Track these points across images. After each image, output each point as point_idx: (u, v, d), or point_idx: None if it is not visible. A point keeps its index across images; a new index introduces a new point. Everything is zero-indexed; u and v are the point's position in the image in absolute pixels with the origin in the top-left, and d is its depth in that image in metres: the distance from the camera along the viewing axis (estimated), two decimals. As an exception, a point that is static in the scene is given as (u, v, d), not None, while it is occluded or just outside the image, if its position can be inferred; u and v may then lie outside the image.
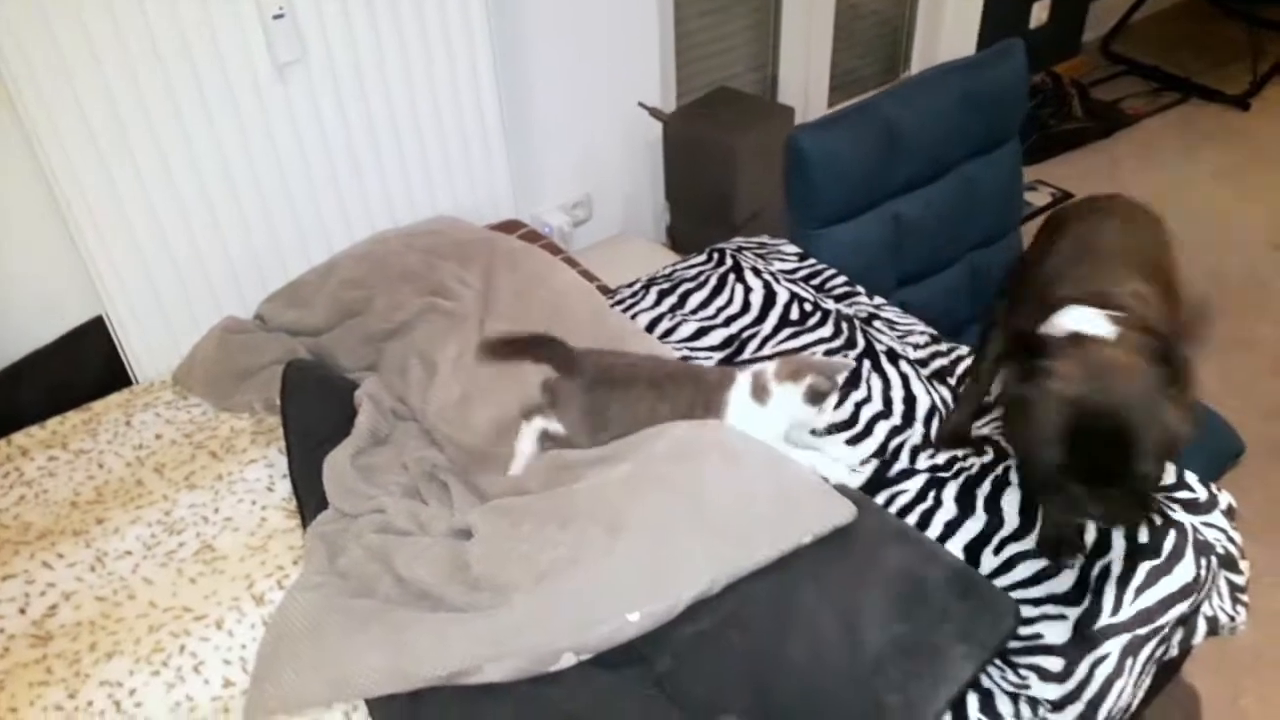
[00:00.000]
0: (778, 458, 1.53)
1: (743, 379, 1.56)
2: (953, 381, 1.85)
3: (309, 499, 1.65)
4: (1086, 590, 1.43)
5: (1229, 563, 1.59)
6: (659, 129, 2.90)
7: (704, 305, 2.04)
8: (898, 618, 1.36)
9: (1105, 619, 1.39)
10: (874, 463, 1.65)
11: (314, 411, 1.77)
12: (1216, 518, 1.64)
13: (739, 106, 2.95)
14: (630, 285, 2.14)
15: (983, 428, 1.73)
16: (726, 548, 1.41)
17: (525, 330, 1.65)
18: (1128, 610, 1.39)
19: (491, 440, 1.68)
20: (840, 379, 1.56)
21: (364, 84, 2.08)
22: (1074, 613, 1.41)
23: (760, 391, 1.54)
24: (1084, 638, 1.38)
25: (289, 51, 1.93)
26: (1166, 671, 1.53)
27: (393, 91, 2.12)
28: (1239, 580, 1.59)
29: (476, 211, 2.38)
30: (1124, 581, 1.43)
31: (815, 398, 1.52)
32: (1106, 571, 1.44)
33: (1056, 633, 1.40)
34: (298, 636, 1.40)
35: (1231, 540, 1.63)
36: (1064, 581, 1.44)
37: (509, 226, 2.38)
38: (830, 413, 1.55)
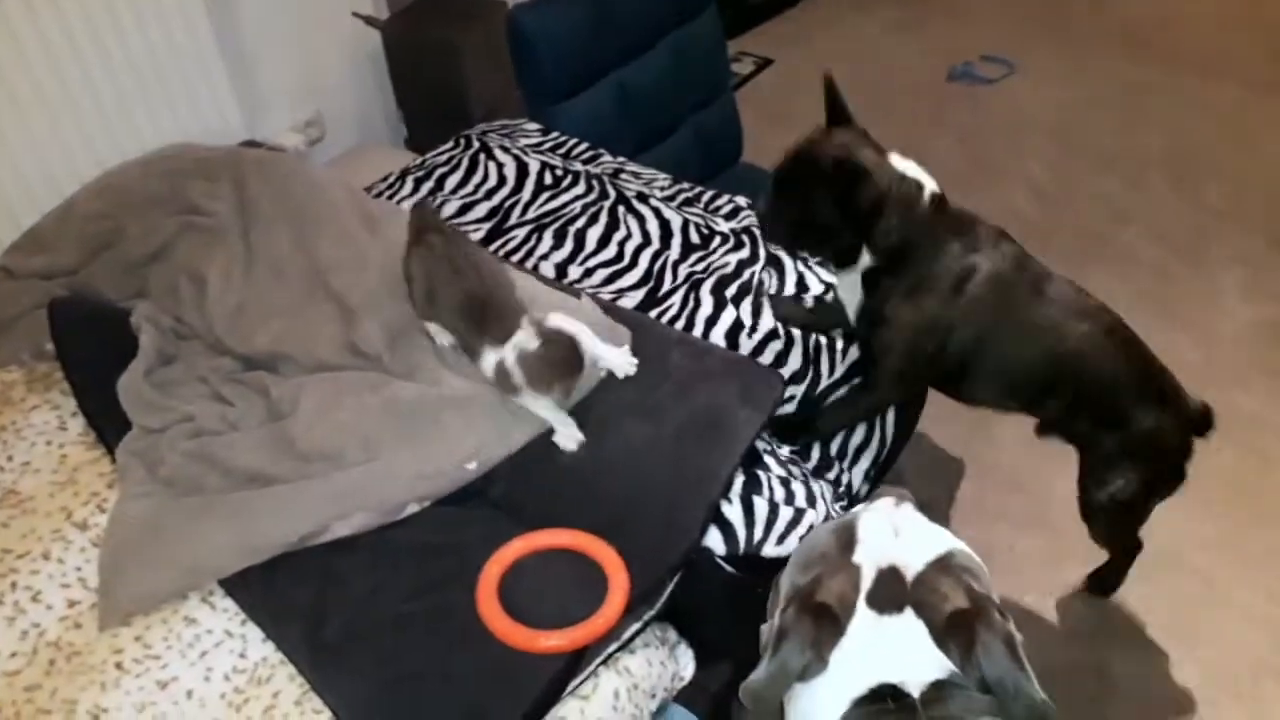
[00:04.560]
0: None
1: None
2: (700, 207, 2.08)
3: (108, 426, 1.63)
4: (809, 368, 1.76)
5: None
6: (379, 37, 2.91)
7: (462, 184, 2.15)
8: (688, 401, 1.57)
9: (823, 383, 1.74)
10: (645, 288, 1.86)
11: (91, 343, 1.73)
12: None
13: (454, 5, 3.00)
14: (385, 179, 2.21)
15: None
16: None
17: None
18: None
19: (275, 342, 1.72)
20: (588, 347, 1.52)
21: (66, 18, 1.98)
22: (800, 389, 1.72)
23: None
24: (808, 402, 1.71)
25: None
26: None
27: (96, 21, 2.03)
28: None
29: (208, 139, 2.32)
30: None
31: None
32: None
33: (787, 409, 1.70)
34: (137, 540, 1.43)
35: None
36: (793, 363, 1.74)
37: (248, 147, 2.35)
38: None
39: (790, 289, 1.86)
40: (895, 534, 1.04)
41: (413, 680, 1.28)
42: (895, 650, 0.95)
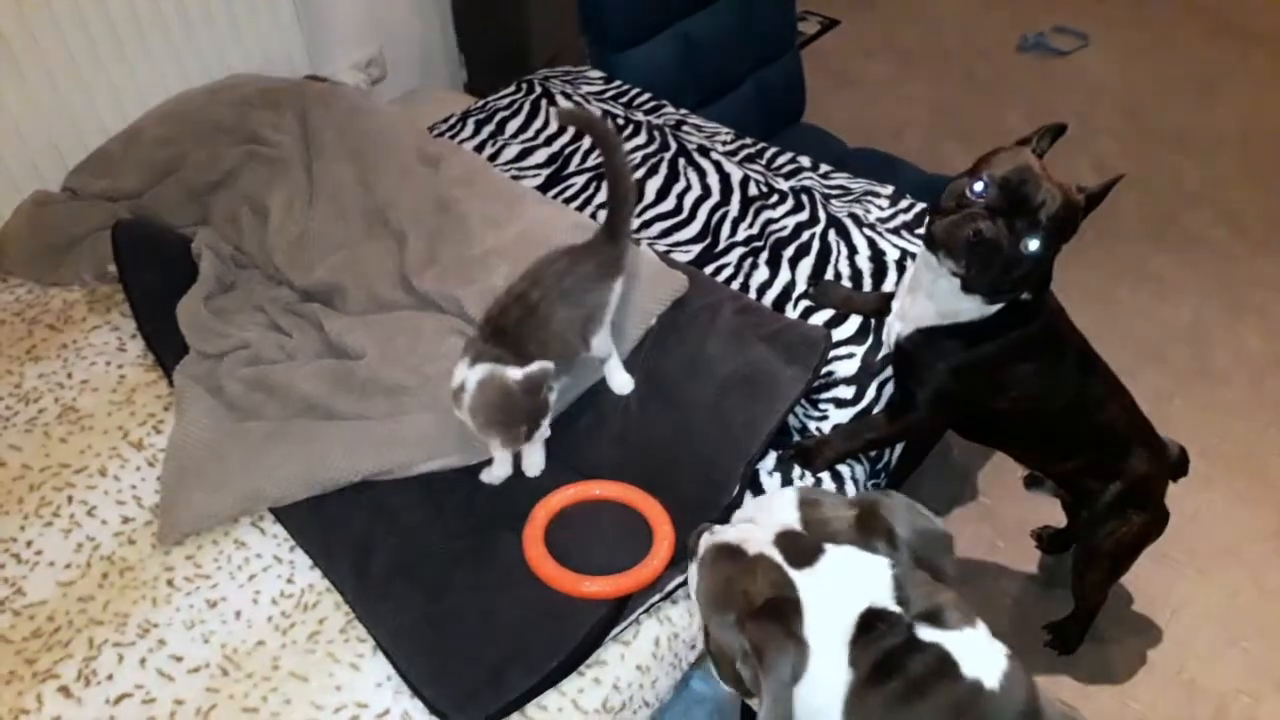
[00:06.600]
0: None
1: None
2: (761, 164, 2.04)
3: (166, 351, 1.65)
4: (869, 331, 1.69)
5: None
6: (443, -23, 2.88)
7: (522, 129, 2.13)
8: (735, 358, 1.55)
9: (882, 352, 1.66)
10: (701, 244, 1.84)
11: (153, 268, 1.75)
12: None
13: (519, -53, 2.95)
14: (446, 120, 2.19)
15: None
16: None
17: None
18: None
19: (333, 274, 1.72)
20: None
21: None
22: (861, 349, 1.67)
23: None
24: (867, 366, 1.65)
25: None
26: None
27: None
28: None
29: (271, 70, 2.32)
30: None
31: None
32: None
33: (847, 368, 1.66)
34: (201, 462, 1.44)
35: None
36: (850, 327, 1.69)
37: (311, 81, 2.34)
38: None
39: (864, 257, 1.83)
40: (753, 520, 1.05)
41: (457, 617, 1.29)
42: (847, 583, 0.96)
